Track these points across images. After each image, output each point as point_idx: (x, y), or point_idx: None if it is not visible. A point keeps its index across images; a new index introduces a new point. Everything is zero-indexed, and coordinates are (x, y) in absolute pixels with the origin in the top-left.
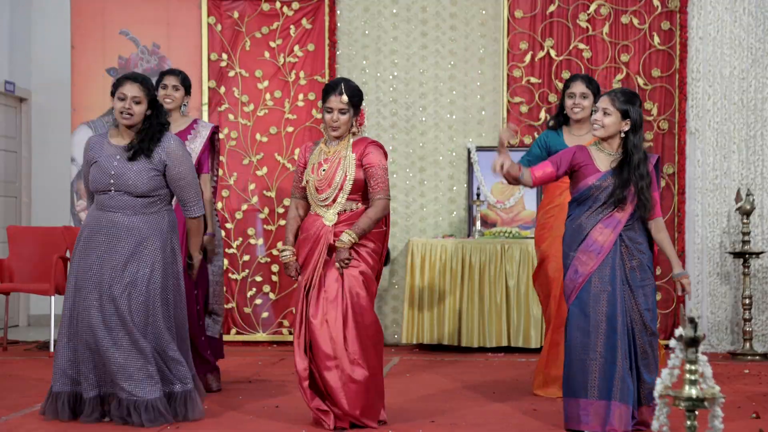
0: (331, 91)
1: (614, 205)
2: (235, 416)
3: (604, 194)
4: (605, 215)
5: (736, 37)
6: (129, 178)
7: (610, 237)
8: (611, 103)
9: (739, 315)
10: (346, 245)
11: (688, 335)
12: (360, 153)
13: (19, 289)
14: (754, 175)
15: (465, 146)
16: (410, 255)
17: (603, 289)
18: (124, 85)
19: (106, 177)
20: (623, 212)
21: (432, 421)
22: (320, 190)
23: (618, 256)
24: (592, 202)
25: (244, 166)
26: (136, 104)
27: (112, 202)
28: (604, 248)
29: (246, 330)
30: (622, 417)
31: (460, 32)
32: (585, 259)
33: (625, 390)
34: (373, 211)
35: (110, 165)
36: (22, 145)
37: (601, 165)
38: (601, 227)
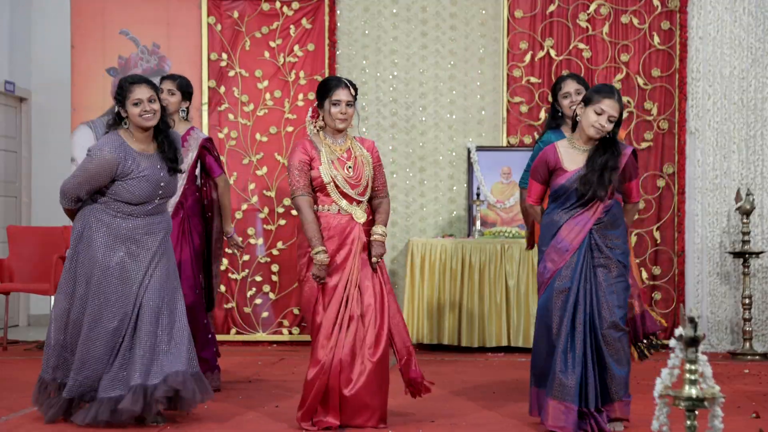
0: (336, 85)
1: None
2: (235, 416)
3: (573, 193)
4: (576, 213)
5: (736, 36)
6: (173, 185)
7: (579, 235)
8: (618, 110)
9: (739, 315)
10: (384, 240)
11: (688, 335)
12: (372, 151)
13: (19, 289)
14: (754, 175)
15: (465, 146)
16: (410, 255)
17: (564, 287)
18: (134, 90)
19: (156, 188)
20: (595, 208)
21: (432, 421)
22: (353, 186)
23: (585, 254)
24: (564, 199)
25: (244, 166)
26: (153, 102)
27: (155, 209)
28: (572, 246)
29: (246, 330)
30: (555, 414)
31: (460, 32)
32: (554, 255)
33: (562, 387)
34: (387, 207)
35: (158, 176)
36: (22, 145)
37: (571, 164)
38: (571, 225)
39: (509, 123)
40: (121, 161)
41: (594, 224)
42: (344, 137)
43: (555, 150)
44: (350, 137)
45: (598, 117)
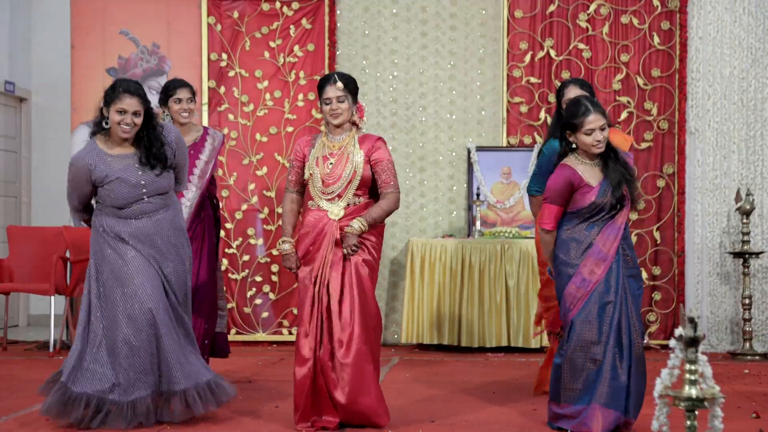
0: (326, 83)
1: (616, 212)
2: (235, 416)
3: (607, 205)
4: (606, 224)
5: (736, 37)
6: (156, 185)
7: (614, 244)
8: (605, 118)
9: (739, 315)
10: (355, 231)
11: (688, 335)
12: (368, 149)
13: (19, 289)
14: (754, 175)
15: (465, 146)
16: (410, 255)
17: (608, 298)
18: (123, 99)
19: (136, 189)
20: (622, 216)
21: (432, 421)
22: (327, 183)
23: (619, 264)
24: (594, 214)
25: (244, 166)
26: (136, 116)
27: (148, 207)
28: (609, 256)
29: (246, 330)
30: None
31: (460, 32)
32: (593, 266)
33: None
34: (386, 203)
35: (136, 176)
36: (22, 145)
37: (592, 179)
38: (606, 235)
39: (509, 123)
40: (92, 169)
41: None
42: (345, 134)
43: (574, 170)
44: (353, 134)
45: (590, 137)
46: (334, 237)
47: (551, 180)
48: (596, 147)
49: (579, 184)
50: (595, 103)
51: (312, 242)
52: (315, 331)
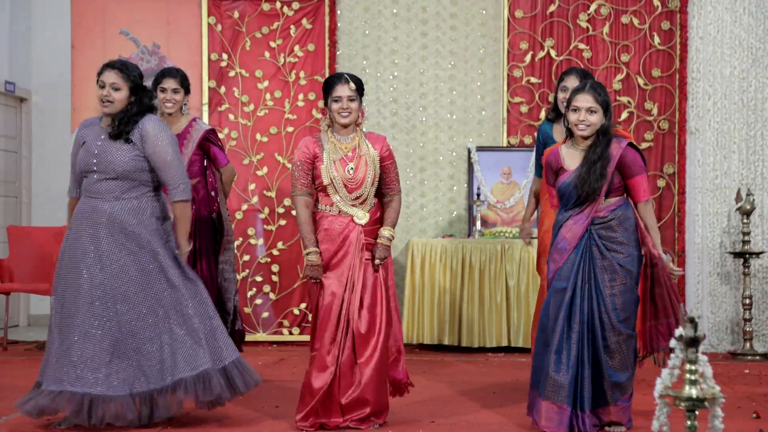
0: (337, 81)
1: (584, 200)
2: (235, 416)
3: (573, 191)
4: (575, 211)
5: (736, 37)
6: (108, 158)
7: (577, 233)
8: (595, 100)
9: (739, 315)
10: (389, 243)
11: (688, 335)
12: (381, 149)
13: (19, 289)
14: (754, 175)
15: (465, 146)
16: (410, 255)
17: (561, 286)
18: (104, 72)
19: (90, 156)
20: (593, 205)
21: (432, 421)
22: (351, 189)
23: (584, 254)
24: (566, 200)
25: (244, 166)
26: (114, 90)
27: (95, 186)
28: (570, 245)
29: (246, 330)
30: (548, 415)
31: (461, 32)
32: (555, 255)
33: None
34: (397, 205)
35: (94, 145)
36: (22, 145)
37: (571, 164)
38: (570, 223)
39: (509, 123)
40: (82, 129)
41: (593, 223)
42: (353, 134)
43: (557, 151)
44: (360, 134)
45: (576, 114)
46: (361, 242)
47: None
48: (579, 128)
49: (556, 165)
50: (595, 86)
51: (338, 248)
52: (341, 338)
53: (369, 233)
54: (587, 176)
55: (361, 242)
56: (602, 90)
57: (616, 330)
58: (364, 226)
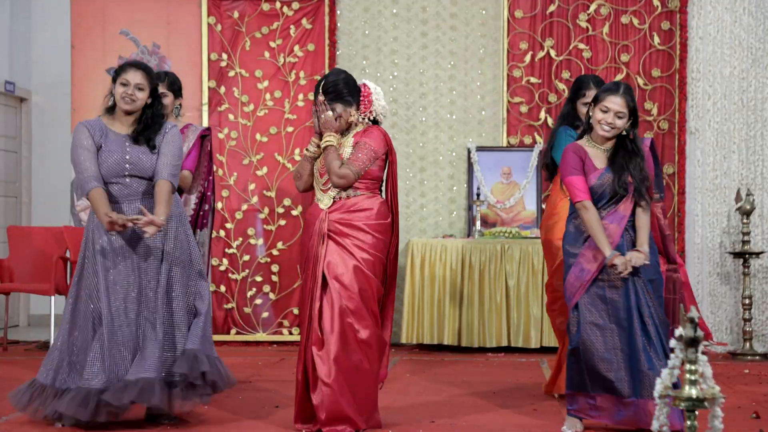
0: (316, 88)
1: (618, 199)
2: (235, 417)
3: (606, 191)
4: (609, 211)
5: (736, 37)
6: (144, 162)
7: (616, 231)
8: (626, 105)
9: (739, 315)
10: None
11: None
12: (359, 136)
13: (19, 289)
14: (754, 175)
15: (465, 146)
16: (410, 255)
17: (614, 285)
18: (128, 71)
19: (122, 162)
20: (626, 205)
21: (432, 421)
22: (322, 173)
23: (625, 251)
24: (596, 200)
25: (244, 166)
26: (138, 90)
27: (128, 189)
28: (614, 241)
29: (246, 330)
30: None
31: (460, 32)
32: (591, 255)
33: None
34: (338, 166)
35: (124, 150)
36: (22, 145)
37: (598, 162)
38: (607, 223)
39: (509, 123)
40: (92, 130)
41: (628, 221)
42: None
43: (582, 148)
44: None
45: (604, 115)
46: (323, 231)
47: (562, 158)
48: (602, 128)
49: (585, 159)
50: (628, 91)
51: (308, 237)
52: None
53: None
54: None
55: (323, 231)
56: (633, 96)
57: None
58: (329, 213)
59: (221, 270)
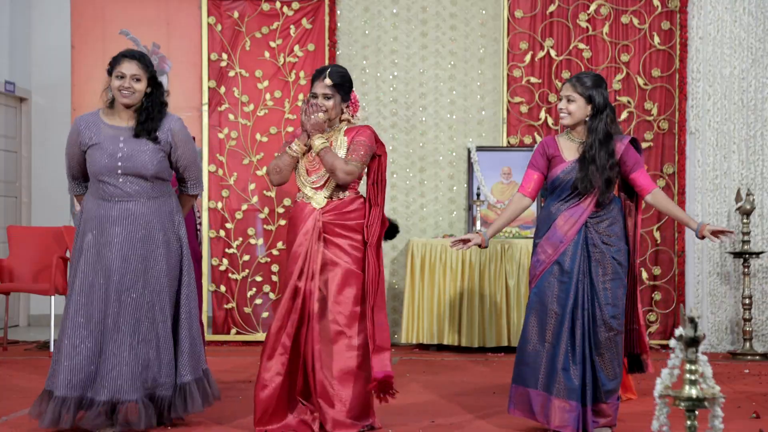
0: (317, 77)
1: (580, 193)
2: (235, 416)
3: (569, 184)
4: (570, 204)
5: (736, 37)
6: (139, 160)
7: (573, 226)
8: (573, 89)
9: (739, 315)
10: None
11: (688, 335)
12: (352, 136)
13: (19, 289)
14: (754, 175)
15: (465, 146)
16: (410, 255)
17: (561, 279)
18: (122, 63)
19: (113, 160)
20: (589, 201)
21: (432, 421)
22: (311, 171)
23: (581, 247)
24: (560, 191)
25: (244, 166)
26: (135, 82)
27: (120, 189)
28: (567, 237)
29: (246, 330)
30: (561, 413)
31: (460, 32)
32: (547, 247)
33: (565, 385)
34: (342, 163)
35: (116, 147)
36: (22, 145)
37: (568, 154)
38: (566, 216)
39: (509, 123)
40: (81, 130)
41: (590, 217)
42: (338, 126)
43: (554, 140)
44: (344, 125)
45: (560, 103)
46: (318, 228)
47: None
48: (561, 115)
49: (552, 153)
50: (579, 77)
51: (298, 234)
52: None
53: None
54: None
55: (318, 229)
56: (587, 82)
57: (607, 325)
58: (323, 213)
59: (221, 270)
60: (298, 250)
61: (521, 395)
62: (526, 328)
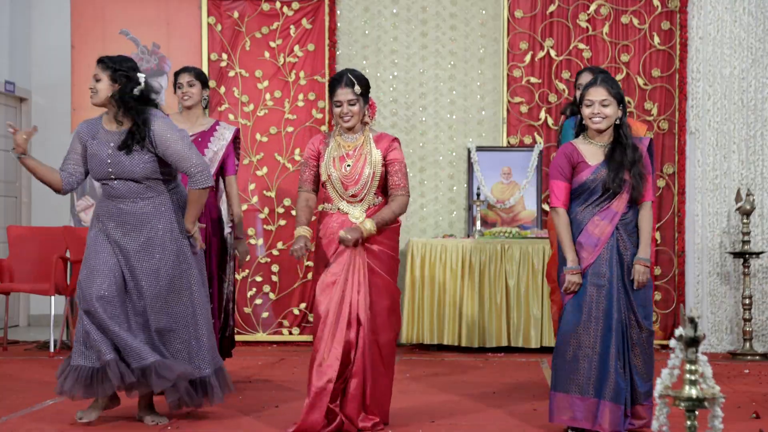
0: (337, 84)
1: (611, 196)
2: (235, 417)
3: (599, 186)
4: (601, 207)
5: (736, 37)
6: (126, 165)
7: (606, 229)
8: (608, 92)
9: (739, 315)
10: (361, 230)
11: (688, 335)
12: (385, 149)
13: (19, 289)
14: (754, 175)
15: (465, 146)
16: (410, 255)
17: (600, 284)
18: (95, 67)
19: (103, 166)
20: (619, 202)
21: (432, 421)
22: (346, 186)
23: (615, 250)
24: (587, 195)
25: (244, 166)
26: (96, 82)
27: (116, 191)
28: (601, 241)
29: (246, 330)
30: (613, 417)
31: (460, 32)
32: (583, 253)
33: (616, 390)
34: (396, 206)
35: (105, 153)
36: None
37: (592, 158)
38: (598, 219)
39: (509, 123)
40: (83, 134)
41: (620, 219)
42: (358, 133)
43: (574, 146)
44: (367, 133)
45: (590, 109)
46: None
47: (553, 159)
48: (593, 121)
49: (576, 160)
50: (607, 79)
51: (335, 249)
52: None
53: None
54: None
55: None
56: (614, 83)
57: (640, 326)
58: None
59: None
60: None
61: (564, 401)
62: (566, 335)
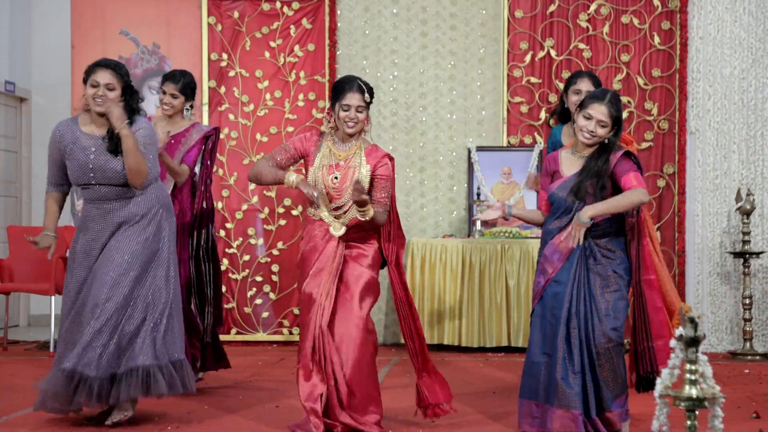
0: (349, 88)
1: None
2: (235, 417)
3: (564, 200)
4: (567, 219)
5: (736, 37)
6: (108, 170)
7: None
8: (608, 114)
9: (739, 315)
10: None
11: (688, 335)
12: (374, 164)
13: (19, 289)
14: (754, 175)
15: (465, 146)
16: (410, 255)
17: (559, 291)
18: (97, 72)
19: (85, 171)
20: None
21: (432, 421)
22: (332, 198)
23: (579, 261)
24: (556, 207)
25: (244, 166)
26: (109, 91)
27: (98, 194)
28: (563, 253)
29: (246, 330)
30: (563, 423)
31: (460, 32)
32: (546, 265)
33: (565, 395)
34: (381, 218)
35: (87, 159)
36: (22, 145)
37: (567, 170)
38: (564, 233)
39: (509, 123)
40: (59, 136)
41: (590, 230)
42: (354, 143)
43: (557, 155)
44: (361, 144)
45: (586, 122)
46: (337, 262)
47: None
48: (583, 135)
49: (552, 168)
50: (614, 100)
51: (317, 258)
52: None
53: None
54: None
55: (337, 261)
56: (619, 104)
57: (606, 336)
58: (344, 240)
59: (221, 270)
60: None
61: (528, 408)
62: (530, 341)
